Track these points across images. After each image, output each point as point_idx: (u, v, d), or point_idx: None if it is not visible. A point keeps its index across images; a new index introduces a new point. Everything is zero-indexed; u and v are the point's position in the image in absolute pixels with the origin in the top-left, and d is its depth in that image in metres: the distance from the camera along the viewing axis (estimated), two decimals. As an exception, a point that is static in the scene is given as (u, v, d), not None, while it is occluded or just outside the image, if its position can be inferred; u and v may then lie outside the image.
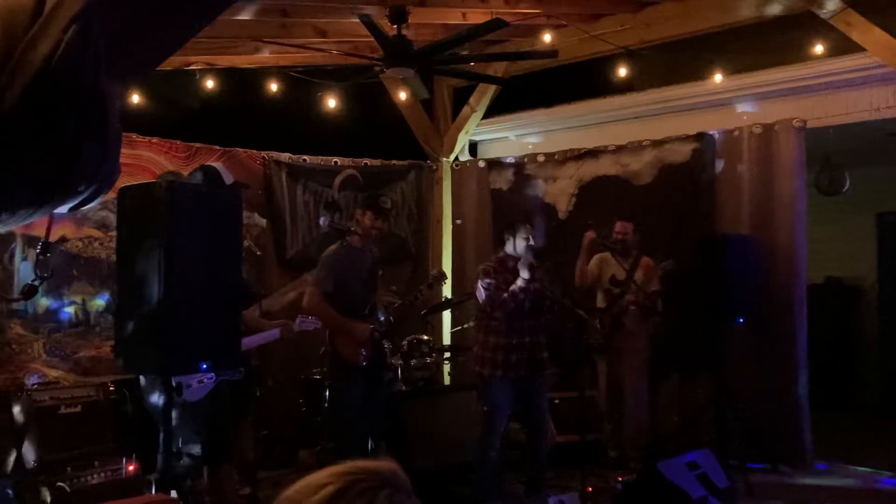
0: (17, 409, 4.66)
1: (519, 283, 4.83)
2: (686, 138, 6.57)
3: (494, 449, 4.96)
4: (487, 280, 4.91)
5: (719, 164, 6.40)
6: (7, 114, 0.98)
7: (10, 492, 4.40)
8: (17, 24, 0.98)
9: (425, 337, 6.44)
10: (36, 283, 1.59)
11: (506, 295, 4.82)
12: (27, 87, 0.98)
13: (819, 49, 5.93)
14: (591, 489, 5.10)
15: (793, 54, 6.51)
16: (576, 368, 5.83)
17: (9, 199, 1.01)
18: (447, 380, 7.11)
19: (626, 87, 7.43)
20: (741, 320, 5.89)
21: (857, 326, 8.74)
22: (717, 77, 6.56)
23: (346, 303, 5.04)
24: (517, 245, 4.95)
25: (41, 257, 1.59)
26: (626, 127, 7.52)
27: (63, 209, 1.10)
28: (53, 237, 5.53)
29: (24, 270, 5.52)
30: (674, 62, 7.12)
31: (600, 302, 6.16)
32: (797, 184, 6.04)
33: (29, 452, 4.56)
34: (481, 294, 4.94)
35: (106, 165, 1.07)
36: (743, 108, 6.77)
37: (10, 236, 5.37)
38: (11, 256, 5.47)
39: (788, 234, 6.03)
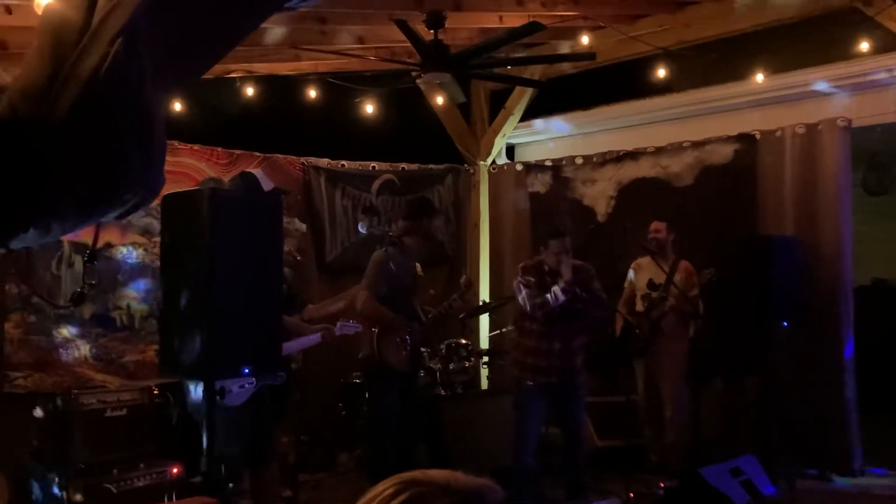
0: (64, 412, 4.75)
1: (560, 284, 4.78)
2: (727, 139, 6.47)
3: (529, 454, 4.89)
4: (527, 277, 4.88)
5: (762, 165, 6.29)
6: (58, 125, 1.00)
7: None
8: (67, 38, 1.00)
9: (463, 341, 6.45)
10: (84, 290, 1.62)
11: (548, 295, 4.78)
12: (77, 99, 1.00)
13: (864, 46, 5.80)
14: (632, 495, 5.04)
15: (836, 52, 6.38)
16: (618, 373, 5.76)
17: (59, 209, 1.03)
18: (485, 384, 7.10)
19: (665, 87, 7.35)
20: (785, 323, 5.78)
21: (905, 329, 8.52)
22: (759, 76, 6.45)
23: (391, 307, 5.07)
24: (556, 247, 4.91)
25: (88, 265, 1.62)
26: (666, 128, 7.44)
27: (109, 218, 1.12)
28: (99, 243, 5.65)
29: (70, 276, 5.64)
30: (714, 62, 7.02)
31: (639, 306, 6.10)
32: (842, 184, 5.91)
33: (75, 454, 4.65)
34: (521, 293, 4.91)
35: (151, 175, 1.09)
36: (785, 107, 6.65)
37: (57, 243, 5.49)
38: (59, 262, 5.60)
39: (833, 235, 5.90)
